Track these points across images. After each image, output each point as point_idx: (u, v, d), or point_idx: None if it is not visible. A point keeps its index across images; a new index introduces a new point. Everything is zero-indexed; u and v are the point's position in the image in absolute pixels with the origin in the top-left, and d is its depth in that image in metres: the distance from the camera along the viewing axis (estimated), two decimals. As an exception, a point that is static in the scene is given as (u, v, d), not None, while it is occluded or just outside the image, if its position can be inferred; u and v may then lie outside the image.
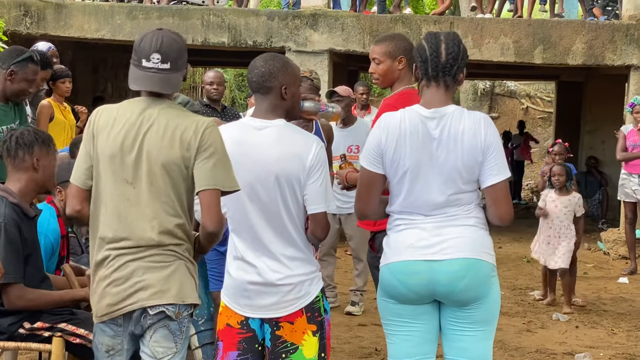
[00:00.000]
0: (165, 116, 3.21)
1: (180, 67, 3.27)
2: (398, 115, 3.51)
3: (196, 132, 3.18)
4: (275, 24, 11.23)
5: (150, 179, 3.17)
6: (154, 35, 3.26)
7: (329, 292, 7.53)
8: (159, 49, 3.21)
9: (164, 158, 3.17)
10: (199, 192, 3.17)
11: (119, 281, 3.18)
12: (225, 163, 3.21)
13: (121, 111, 3.26)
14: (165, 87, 3.24)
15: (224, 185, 3.19)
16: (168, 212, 3.19)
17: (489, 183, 3.46)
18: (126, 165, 3.19)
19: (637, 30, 10.73)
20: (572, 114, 16.15)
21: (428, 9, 25.01)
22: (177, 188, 3.20)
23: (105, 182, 3.22)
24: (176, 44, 3.25)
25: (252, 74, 3.48)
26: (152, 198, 3.17)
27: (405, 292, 3.50)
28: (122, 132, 3.20)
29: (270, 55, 3.53)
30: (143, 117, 3.21)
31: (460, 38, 3.60)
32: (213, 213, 3.16)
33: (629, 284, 9.23)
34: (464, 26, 11.08)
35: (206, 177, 3.16)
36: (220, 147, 3.21)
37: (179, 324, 3.21)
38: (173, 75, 3.24)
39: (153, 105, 3.24)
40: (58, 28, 11.49)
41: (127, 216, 3.18)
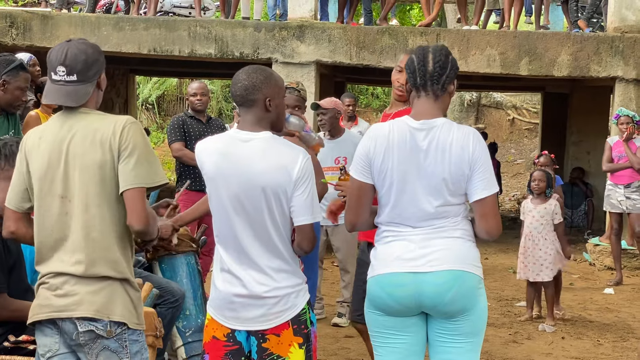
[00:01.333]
0: (84, 123, 3.20)
1: (89, 79, 3.22)
2: (387, 126, 3.53)
3: (114, 133, 3.16)
4: (262, 35, 11.25)
5: (81, 190, 3.16)
6: (60, 47, 3.24)
7: (316, 304, 7.52)
8: (63, 61, 3.20)
9: (89, 165, 3.15)
10: (122, 192, 3.15)
11: (52, 286, 3.19)
12: (148, 158, 3.19)
13: (46, 129, 3.27)
14: (71, 99, 3.21)
15: (148, 182, 3.17)
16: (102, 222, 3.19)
17: (477, 197, 3.48)
18: (57, 180, 3.19)
19: (622, 42, 10.80)
20: (558, 125, 16.22)
21: (415, 20, 25.12)
22: (110, 194, 3.17)
23: (42, 200, 3.22)
24: (82, 55, 3.21)
25: (236, 88, 3.46)
26: (85, 209, 3.16)
27: (393, 304, 3.51)
28: (47, 148, 3.21)
29: (253, 68, 3.51)
30: (65, 130, 3.20)
31: (450, 51, 3.62)
32: (138, 211, 3.15)
33: (615, 295, 9.26)
34: (451, 38, 11.12)
35: (128, 177, 3.14)
36: (141, 143, 3.18)
37: (117, 341, 3.19)
38: (81, 87, 3.21)
39: (71, 116, 3.23)
40: (44, 39, 11.47)
41: (65, 232, 3.18)
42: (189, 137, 7.26)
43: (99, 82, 3.27)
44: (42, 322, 3.22)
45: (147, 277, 4.82)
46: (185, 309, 5.21)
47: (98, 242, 3.16)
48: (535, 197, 7.73)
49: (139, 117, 22.62)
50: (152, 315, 4.47)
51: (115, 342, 3.18)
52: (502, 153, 24.09)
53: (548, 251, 7.59)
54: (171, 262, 5.38)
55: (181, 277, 5.34)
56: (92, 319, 3.14)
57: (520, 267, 7.77)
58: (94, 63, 3.24)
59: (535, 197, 7.74)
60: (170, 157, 19.36)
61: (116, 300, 3.19)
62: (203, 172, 3.48)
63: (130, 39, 11.51)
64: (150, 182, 3.18)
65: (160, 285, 4.87)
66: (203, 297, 5.36)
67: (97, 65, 3.25)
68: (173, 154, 7.38)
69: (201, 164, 3.48)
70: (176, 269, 5.37)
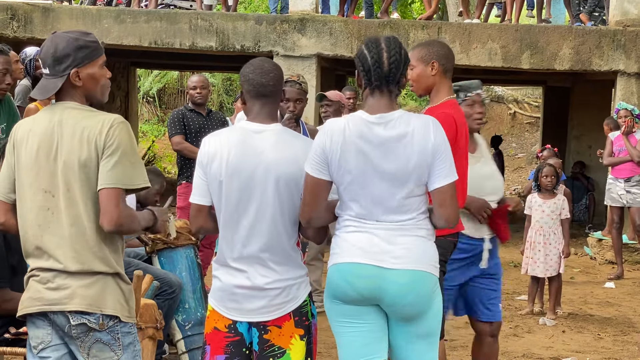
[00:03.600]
0: (73, 119, 3.18)
1: (59, 73, 3.17)
2: (342, 121, 3.49)
3: (101, 131, 3.13)
4: (263, 28, 11.23)
5: (66, 186, 3.15)
6: (45, 40, 3.25)
7: (316, 297, 7.50)
8: (40, 55, 3.21)
9: (76, 162, 3.14)
10: (98, 191, 3.12)
11: (43, 279, 3.19)
12: (131, 159, 3.16)
13: (36, 122, 3.26)
14: (38, 92, 3.22)
15: (126, 183, 3.14)
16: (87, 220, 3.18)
17: (437, 185, 3.47)
18: (43, 175, 3.18)
19: (623, 35, 10.77)
20: (559, 119, 16.20)
21: (416, 13, 25.08)
22: (94, 191, 3.15)
23: (25, 193, 3.21)
24: (52, 49, 3.17)
25: (268, 78, 3.43)
26: (70, 205, 3.15)
27: (352, 293, 3.51)
28: (36, 141, 3.19)
29: (270, 60, 3.54)
30: (54, 124, 3.18)
31: (401, 42, 3.56)
32: (110, 212, 3.11)
33: (616, 289, 9.26)
34: (452, 31, 11.10)
35: (105, 176, 3.11)
36: (126, 143, 3.15)
37: (110, 334, 3.19)
38: (50, 80, 3.19)
39: (62, 110, 3.21)
40: (45, 32, 11.44)
41: (50, 227, 3.17)
42: (189, 130, 7.26)
43: (71, 78, 3.18)
44: (33, 314, 3.22)
45: (144, 268, 4.83)
46: (184, 302, 5.22)
47: (85, 238, 3.15)
48: (544, 192, 7.68)
49: (140, 110, 22.61)
50: (152, 307, 4.48)
51: (108, 334, 3.19)
52: (503, 147, 24.04)
53: (557, 246, 7.59)
54: (170, 255, 5.39)
55: (180, 271, 5.34)
56: (84, 312, 3.14)
57: (528, 263, 7.69)
58: (64, 57, 3.16)
59: (543, 192, 7.69)
60: (171, 150, 19.37)
61: (108, 293, 3.19)
62: (211, 166, 3.40)
63: (131, 31, 11.50)
64: (128, 184, 3.15)
65: (157, 277, 4.88)
66: (203, 290, 5.36)
67: (68, 59, 3.17)
68: (173, 147, 7.38)
69: (211, 157, 3.40)
70: (175, 262, 5.38)
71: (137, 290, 4.00)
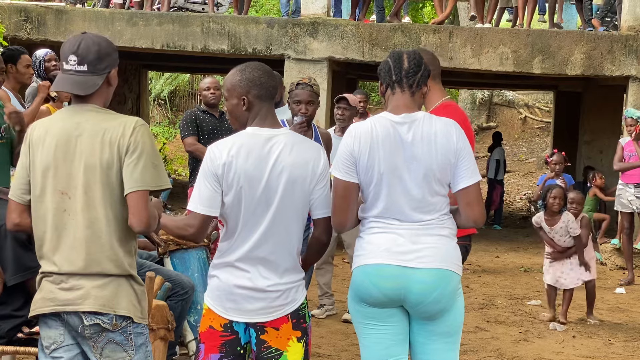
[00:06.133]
0: (93, 121, 3.20)
1: (99, 71, 3.22)
2: (368, 123, 3.60)
3: (124, 134, 3.16)
4: (275, 31, 11.26)
5: (85, 188, 3.17)
6: (75, 38, 3.26)
7: (327, 300, 7.54)
8: (76, 51, 3.21)
9: (96, 164, 3.16)
10: (127, 195, 3.15)
11: (57, 280, 3.20)
12: (154, 161, 3.20)
13: (53, 123, 3.27)
14: (79, 88, 3.22)
15: (152, 185, 3.18)
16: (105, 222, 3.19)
17: (462, 186, 3.57)
18: (60, 176, 3.19)
19: (635, 41, 10.76)
20: (570, 124, 16.18)
21: (427, 18, 25.09)
22: (114, 193, 3.18)
23: (42, 194, 3.22)
24: (95, 46, 3.22)
25: (275, 81, 3.51)
26: (88, 207, 3.17)
27: (377, 294, 3.56)
28: (53, 143, 3.21)
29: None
30: (72, 126, 3.20)
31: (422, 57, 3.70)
32: (141, 215, 3.15)
33: (626, 295, 9.25)
34: (463, 36, 11.11)
35: (134, 179, 3.14)
36: (149, 146, 3.19)
37: (122, 334, 3.21)
38: (90, 77, 3.21)
39: (80, 112, 3.24)
40: (58, 34, 11.52)
41: (65, 228, 3.19)
42: (202, 131, 7.28)
43: (109, 78, 3.27)
44: (46, 315, 3.23)
45: (156, 269, 4.84)
46: (196, 303, 5.23)
47: (101, 241, 3.17)
48: (549, 214, 7.59)
49: (151, 113, 22.68)
50: (164, 308, 4.49)
51: (121, 335, 3.20)
52: (514, 152, 24.06)
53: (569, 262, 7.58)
54: (182, 256, 5.41)
55: (192, 272, 5.36)
56: (97, 313, 3.16)
57: (553, 275, 7.62)
58: (106, 56, 3.24)
59: (549, 214, 7.59)
60: (182, 152, 19.44)
61: (121, 294, 3.21)
62: (228, 176, 3.36)
63: (143, 34, 11.55)
64: (154, 185, 3.19)
65: (169, 278, 4.89)
66: (214, 291, 5.37)
67: (109, 59, 3.25)
68: (186, 148, 7.40)
69: (227, 167, 3.36)
70: (187, 263, 5.40)
71: (149, 292, 4.03)
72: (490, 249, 12.24)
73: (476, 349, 6.66)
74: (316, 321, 7.08)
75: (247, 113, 3.47)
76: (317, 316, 7.28)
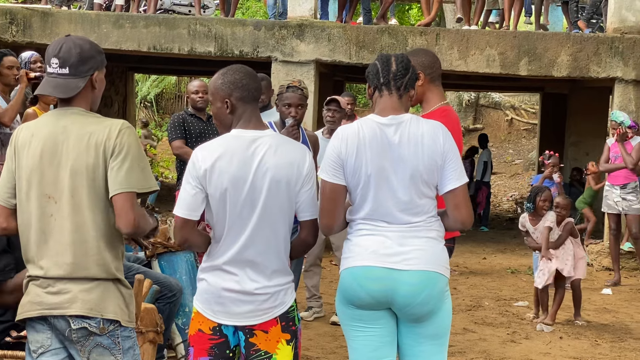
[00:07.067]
0: (79, 124, 3.19)
1: (82, 73, 3.21)
2: (355, 125, 3.61)
3: (109, 137, 3.16)
4: (261, 34, 11.26)
5: (71, 192, 3.16)
6: (58, 41, 3.25)
7: (315, 302, 7.54)
8: (57, 54, 3.20)
9: (82, 167, 3.15)
10: (113, 196, 3.14)
11: (44, 284, 3.19)
12: (141, 163, 3.19)
13: (38, 126, 3.26)
14: (60, 91, 3.21)
15: (139, 187, 3.17)
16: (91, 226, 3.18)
17: (450, 188, 3.58)
18: (46, 180, 3.18)
19: (621, 43, 10.81)
20: (557, 125, 16.24)
21: (414, 20, 25.13)
22: (101, 196, 3.17)
23: (28, 198, 3.21)
24: (77, 49, 3.21)
25: (258, 82, 3.52)
26: (75, 211, 3.16)
27: (364, 296, 3.57)
28: (39, 146, 3.19)
29: None
30: (58, 130, 3.19)
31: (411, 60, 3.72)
32: (128, 217, 3.14)
33: (613, 295, 9.28)
34: (450, 37, 11.13)
35: (119, 181, 3.13)
36: (135, 148, 3.18)
37: (110, 338, 3.20)
38: (71, 80, 3.20)
39: (66, 115, 3.23)
40: (44, 36, 11.47)
41: (51, 232, 3.17)
42: (190, 134, 7.27)
43: (92, 80, 3.25)
44: (33, 318, 3.21)
45: (144, 272, 4.82)
46: (184, 305, 5.22)
47: (87, 245, 3.16)
48: (534, 216, 7.67)
49: (138, 115, 22.61)
50: (152, 311, 4.48)
51: (108, 338, 3.19)
52: (500, 153, 24.13)
53: (568, 249, 7.61)
54: (170, 259, 5.40)
55: (180, 274, 5.35)
56: (85, 317, 3.15)
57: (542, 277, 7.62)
58: (89, 59, 3.22)
59: (534, 215, 7.67)
60: (169, 154, 19.39)
61: (109, 298, 3.20)
62: (211, 179, 3.36)
63: (130, 36, 11.52)
64: (140, 187, 3.18)
65: (157, 281, 4.88)
66: (203, 294, 5.36)
67: (92, 61, 3.23)
68: (173, 151, 7.39)
69: (210, 170, 3.36)
70: (175, 266, 5.39)
71: (137, 295, 4.01)
72: (477, 250, 12.26)
73: (464, 351, 6.67)
74: (304, 323, 7.08)
75: (231, 116, 3.47)
76: (305, 318, 7.28)
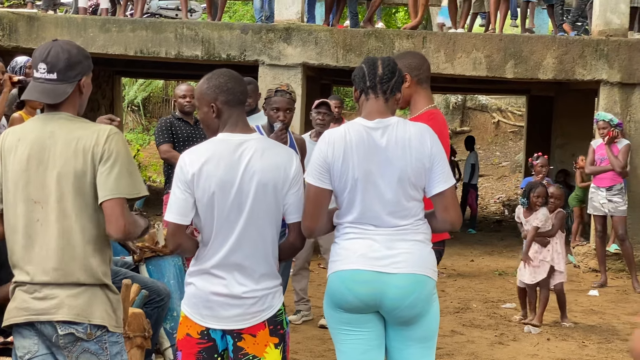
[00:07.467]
0: (66, 129, 3.19)
1: (69, 79, 3.20)
2: (342, 129, 3.61)
3: (98, 142, 3.15)
4: (248, 37, 11.26)
5: (58, 197, 3.15)
6: (45, 45, 3.24)
7: (303, 306, 7.54)
8: (45, 59, 3.19)
9: (70, 172, 3.14)
10: (102, 202, 3.14)
11: (30, 289, 3.17)
12: (130, 169, 3.19)
13: (25, 130, 3.25)
14: (47, 96, 3.20)
15: (128, 192, 3.17)
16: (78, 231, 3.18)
17: (438, 190, 3.60)
18: (33, 185, 3.17)
19: (606, 45, 10.86)
20: (543, 127, 16.29)
21: (400, 23, 25.18)
22: (88, 202, 3.16)
23: (14, 203, 3.20)
24: (65, 54, 3.20)
25: (244, 86, 3.52)
26: (61, 217, 3.15)
27: (352, 300, 3.57)
28: (26, 151, 3.19)
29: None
30: (45, 135, 3.18)
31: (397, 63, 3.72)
32: (118, 222, 3.14)
33: (599, 297, 9.32)
34: (437, 41, 11.16)
35: (108, 187, 3.13)
36: (124, 154, 3.18)
37: (97, 343, 3.19)
38: (59, 86, 3.19)
39: (53, 120, 3.22)
40: (30, 40, 11.43)
41: (38, 238, 3.17)
42: (177, 138, 7.27)
43: (80, 85, 3.24)
44: (20, 324, 3.20)
45: (132, 277, 4.82)
46: (172, 310, 5.22)
47: (74, 250, 3.15)
48: (529, 211, 7.74)
49: (125, 119, 22.57)
50: (140, 316, 4.48)
51: (95, 344, 3.19)
52: (487, 156, 24.19)
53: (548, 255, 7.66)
54: (158, 263, 5.39)
55: (168, 279, 5.35)
56: (72, 322, 3.14)
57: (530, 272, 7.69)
58: (77, 64, 3.22)
59: (528, 211, 7.75)
60: (157, 158, 19.36)
61: (96, 303, 3.20)
62: (199, 183, 3.37)
63: (116, 40, 11.50)
64: (130, 193, 3.17)
65: (145, 285, 4.87)
66: (191, 298, 5.35)
67: (79, 66, 3.23)
68: (161, 155, 7.38)
69: (197, 174, 3.37)
70: (163, 270, 5.38)
71: (125, 300, 4.01)
72: (465, 252, 12.29)
73: (452, 353, 6.69)
74: (293, 327, 7.08)
75: (218, 120, 3.48)
76: (293, 322, 7.28)
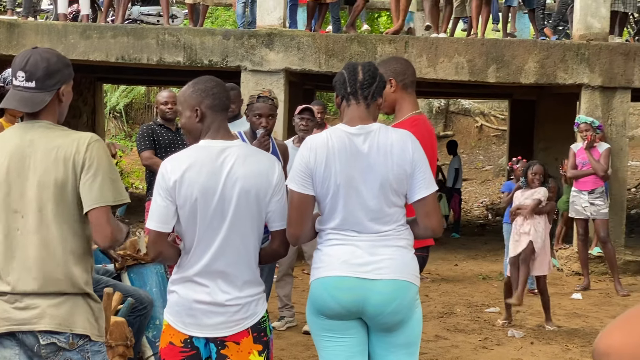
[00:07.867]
0: (46, 138, 3.16)
1: (48, 87, 3.18)
2: (324, 135, 3.61)
3: (78, 150, 3.13)
4: (231, 43, 11.23)
5: (38, 207, 3.13)
6: (24, 53, 3.22)
7: (287, 312, 7.53)
8: (24, 67, 3.17)
9: (50, 181, 3.12)
10: (88, 212, 3.12)
11: (11, 299, 3.15)
12: (112, 176, 3.18)
13: (4, 139, 3.23)
14: (25, 105, 3.17)
15: (112, 200, 3.16)
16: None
17: (420, 196, 3.59)
18: (13, 195, 3.15)
19: (587, 49, 10.92)
20: (526, 131, 16.35)
21: (383, 27, 25.22)
22: (69, 211, 3.14)
23: None
24: (44, 62, 3.17)
25: (228, 93, 3.54)
26: (42, 226, 3.13)
27: (335, 306, 3.57)
28: (6, 161, 3.16)
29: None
30: (25, 143, 3.16)
31: (377, 67, 3.71)
32: (105, 231, 3.14)
33: (583, 300, 9.35)
34: (419, 45, 11.18)
35: (93, 196, 3.11)
36: (105, 161, 3.17)
37: (79, 353, 3.17)
38: (37, 94, 3.17)
39: (33, 128, 3.19)
40: (10, 47, 11.37)
41: (18, 248, 3.14)
42: (159, 145, 7.24)
43: (59, 94, 3.21)
44: (1, 334, 3.17)
45: (114, 285, 4.79)
46: (155, 318, 5.18)
47: (55, 260, 3.13)
48: (526, 188, 7.94)
49: (107, 126, 22.47)
50: (122, 324, 4.45)
51: (78, 353, 3.16)
52: (471, 160, 24.25)
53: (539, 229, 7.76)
54: (140, 271, 5.36)
55: (151, 287, 5.32)
56: (54, 332, 3.12)
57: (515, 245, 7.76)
58: (56, 72, 3.19)
59: (526, 188, 7.94)
60: (139, 165, 19.29)
61: (78, 312, 3.17)
62: (181, 190, 3.35)
63: (97, 47, 11.44)
64: (115, 200, 3.16)
65: (127, 293, 4.84)
66: (173, 306, 5.32)
67: (59, 75, 3.20)
68: (143, 162, 7.35)
69: (179, 181, 3.35)
70: (145, 278, 5.35)
71: (107, 309, 3.98)
72: (448, 257, 12.31)
73: (436, 358, 6.68)
74: (277, 333, 7.06)
75: (201, 125, 3.47)
76: (277, 328, 7.26)
